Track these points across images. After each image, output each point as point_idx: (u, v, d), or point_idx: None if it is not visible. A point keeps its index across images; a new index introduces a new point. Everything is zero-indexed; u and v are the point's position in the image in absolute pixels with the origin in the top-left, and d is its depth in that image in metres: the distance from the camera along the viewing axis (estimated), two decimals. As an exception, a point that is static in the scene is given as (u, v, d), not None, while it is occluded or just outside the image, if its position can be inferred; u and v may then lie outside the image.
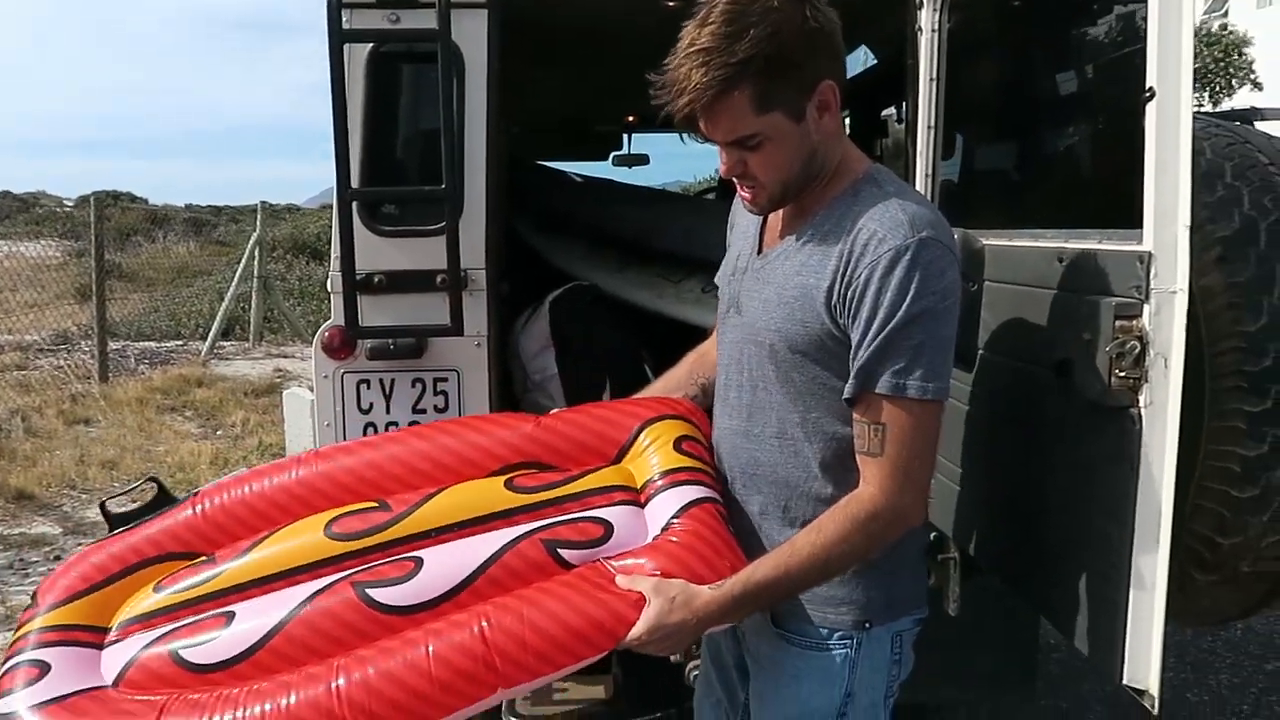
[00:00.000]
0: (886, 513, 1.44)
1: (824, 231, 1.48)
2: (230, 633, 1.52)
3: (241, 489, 1.73)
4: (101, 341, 8.73)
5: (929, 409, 1.43)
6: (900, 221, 1.40)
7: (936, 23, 2.38)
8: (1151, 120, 1.44)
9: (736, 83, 1.37)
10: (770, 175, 1.48)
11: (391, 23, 2.37)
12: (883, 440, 1.42)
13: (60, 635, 1.58)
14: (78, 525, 5.30)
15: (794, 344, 1.49)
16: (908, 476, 1.43)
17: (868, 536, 1.45)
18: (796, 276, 1.49)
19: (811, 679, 1.58)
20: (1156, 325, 1.43)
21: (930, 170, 2.43)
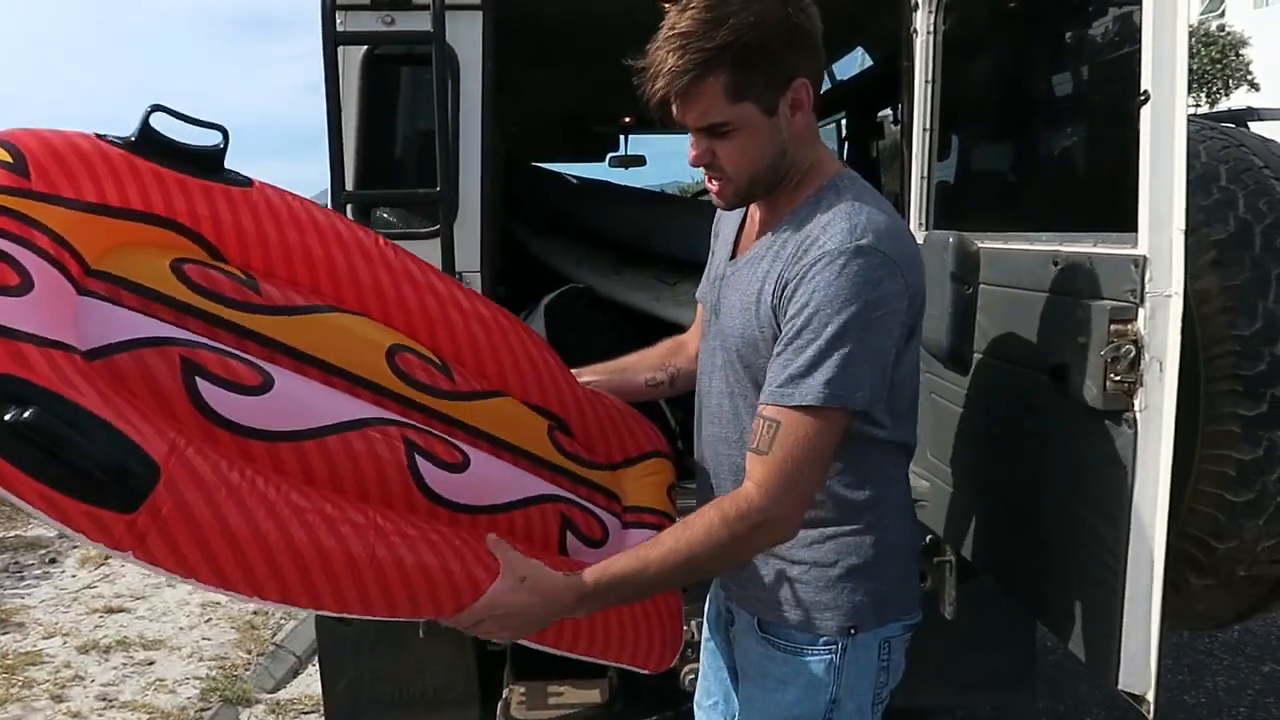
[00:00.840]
0: (757, 515, 1.38)
1: (784, 238, 1.47)
2: (263, 401, 1.30)
3: (299, 223, 1.45)
4: (97, 343, 8.71)
5: (830, 417, 1.38)
6: (842, 229, 1.39)
7: (932, 25, 2.38)
8: (1146, 124, 1.43)
9: (711, 68, 1.37)
10: (737, 168, 1.46)
11: (386, 25, 2.37)
12: (773, 439, 1.38)
13: (34, 235, 1.18)
14: (73, 527, 5.29)
15: (756, 348, 1.48)
16: (791, 483, 1.38)
17: (734, 537, 1.39)
18: (758, 282, 1.48)
19: (797, 685, 1.57)
20: (1151, 329, 1.43)
21: (926, 172, 2.43)
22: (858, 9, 3.03)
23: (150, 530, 1.14)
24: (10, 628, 4.10)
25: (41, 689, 3.60)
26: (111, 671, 3.75)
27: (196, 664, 3.83)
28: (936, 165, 2.44)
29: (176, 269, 1.32)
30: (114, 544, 1.14)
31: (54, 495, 1.09)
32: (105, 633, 4.07)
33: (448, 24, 2.22)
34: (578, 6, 3.07)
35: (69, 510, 1.10)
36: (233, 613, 4.29)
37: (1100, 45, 2.03)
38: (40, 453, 1.07)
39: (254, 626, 4.17)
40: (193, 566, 1.17)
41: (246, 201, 1.42)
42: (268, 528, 1.20)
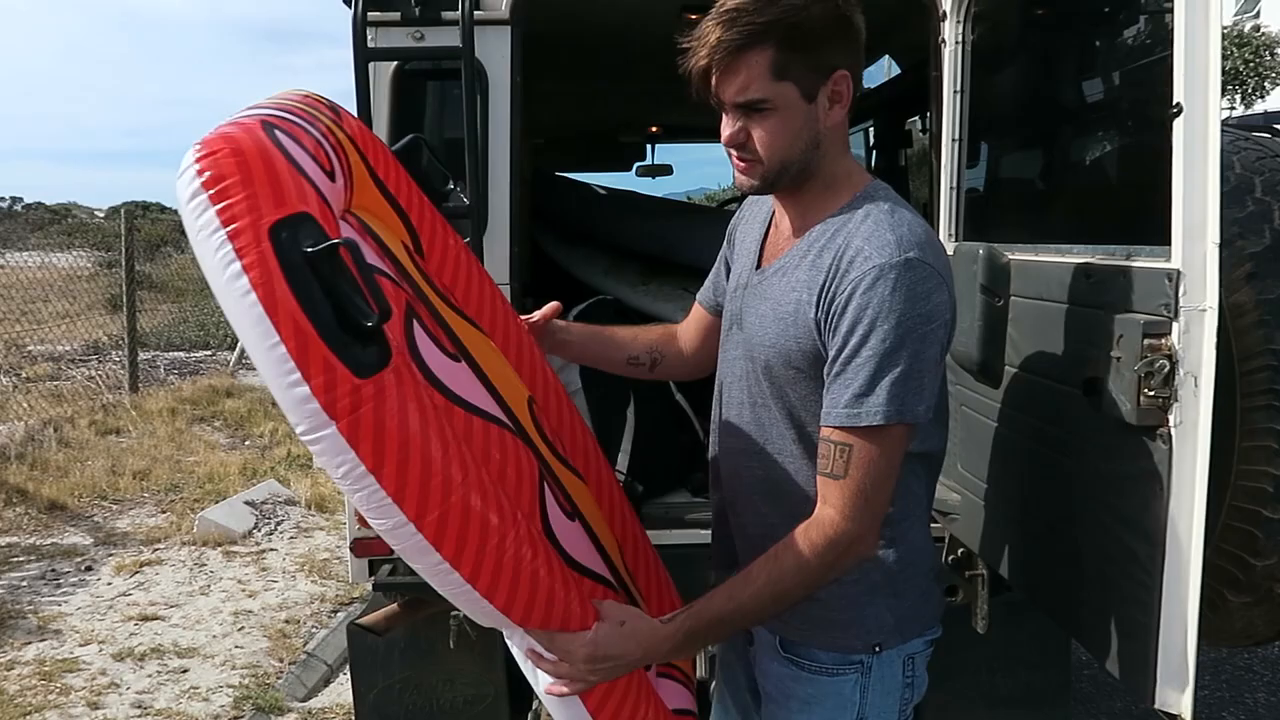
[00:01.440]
0: (844, 539, 1.39)
1: (819, 247, 1.46)
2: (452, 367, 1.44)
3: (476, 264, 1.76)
4: (132, 352, 8.85)
5: (897, 434, 1.39)
6: (888, 240, 1.38)
7: (961, 35, 2.36)
8: (1179, 136, 1.42)
9: (759, 40, 1.37)
10: (770, 149, 1.45)
11: (416, 41, 2.39)
12: (847, 463, 1.38)
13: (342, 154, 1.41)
14: (109, 535, 5.37)
15: (789, 360, 1.48)
16: (868, 502, 1.39)
17: (824, 564, 1.40)
18: (792, 292, 1.47)
19: (823, 706, 1.56)
20: (1186, 344, 1.41)
21: (955, 183, 2.41)
22: (886, 18, 3.01)
23: (367, 403, 1.17)
24: (47, 635, 4.16)
25: (78, 696, 3.65)
26: (146, 679, 3.80)
27: (229, 672, 3.87)
28: (966, 175, 2.42)
29: (404, 247, 1.56)
30: (330, 404, 1.15)
31: (308, 327, 1.15)
32: (140, 640, 4.12)
33: (476, 39, 2.24)
34: (604, 20, 3.08)
35: (312, 347, 1.14)
36: (265, 621, 4.33)
37: (1131, 54, 2.01)
38: (320, 283, 1.16)
39: (285, 635, 4.21)
40: (383, 460, 1.18)
41: (445, 228, 1.70)
42: (446, 463, 1.22)
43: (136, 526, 5.52)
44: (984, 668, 2.67)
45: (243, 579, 4.82)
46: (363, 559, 2.52)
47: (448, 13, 2.32)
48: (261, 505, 5.73)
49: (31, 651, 4.00)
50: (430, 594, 2.47)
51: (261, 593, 4.66)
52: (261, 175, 1.18)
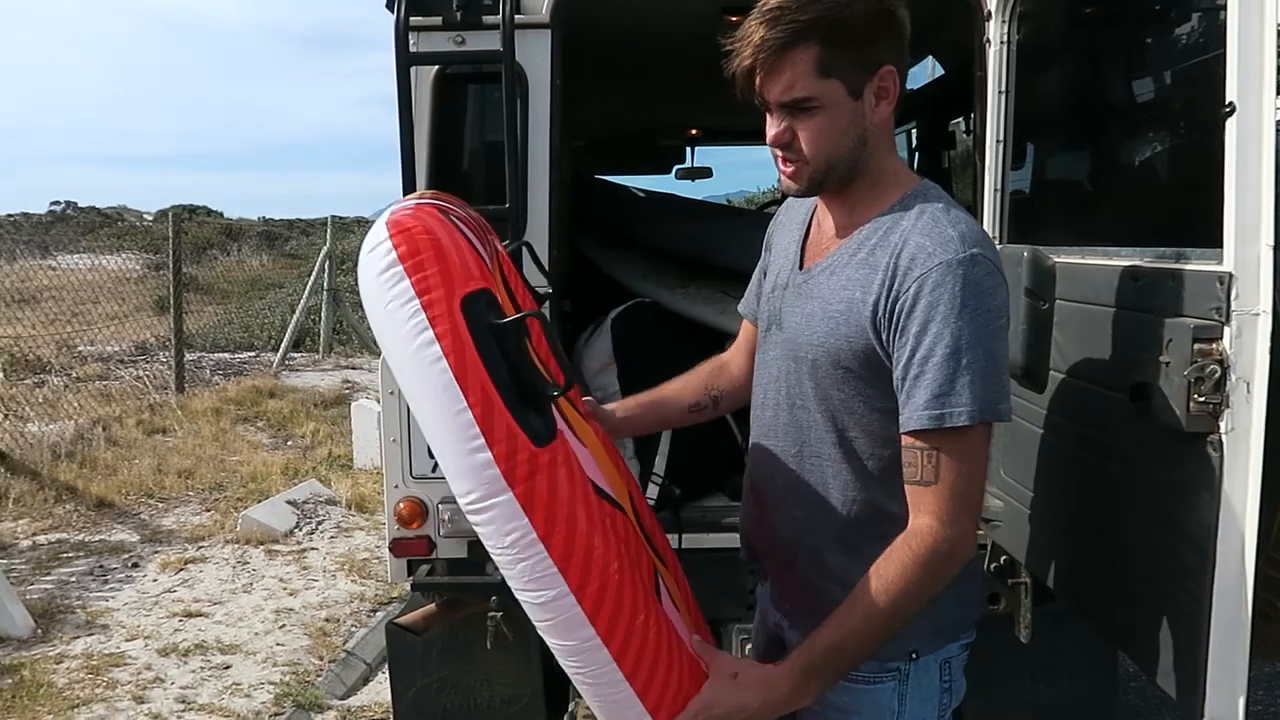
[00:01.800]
0: (946, 544, 1.35)
1: (871, 245, 1.44)
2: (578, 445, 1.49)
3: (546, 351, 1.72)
4: (178, 353, 9.01)
5: (979, 433, 1.36)
6: (950, 237, 1.37)
7: (1006, 34, 2.33)
8: (1232, 136, 1.39)
9: (803, 38, 1.36)
10: (816, 149, 1.43)
11: (457, 44, 2.41)
12: (937, 468, 1.35)
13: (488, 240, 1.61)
14: (155, 533, 5.46)
15: (838, 359, 1.45)
16: (966, 504, 1.36)
17: (931, 574, 1.36)
18: (843, 290, 1.45)
19: (861, 714, 1.54)
20: (1238, 349, 1.38)
21: (999, 184, 2.38)
22: (930, 17, 2.98)
23: (542, 471, 1.23)
24: (95, 629, 4.25)
25: (124, 690, 3.72)
26: (190, 675, 3.86)
27: (270, 669, 3.92)
28: (1010, 177, 2.39)
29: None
30: (509, 471, 1.21)
31: (494, 396, 1.22)
32: (184, 636, 4.19)
33: (516, 42, 2.25)
34: (643, 23, 3.08)
35: (497, 415, 1.21)
36: (305, 619, 4.39)
37: (1181, 53, 1.97)
38: (506, 355, 1.25)
39: (325, 633, 4.26)
40: (553, 528, 1.22)
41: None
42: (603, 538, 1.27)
43: (181, 524, 5.61)
44: (1027, 677, 2.63)
45: (284, 577, 4.88)
46: (401, 559, 2.55)
47: (488, 16, 2.33)
48: (303, 505, 5.80)
49: (79, 646, 4.08)
50: (467, 594, 2.51)
51: (302, 591, 4.71)
52: (451, 252, 1.27)
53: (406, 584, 2.56)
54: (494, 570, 2.46)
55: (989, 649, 1.72)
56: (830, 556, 1.53)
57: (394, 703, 2.78)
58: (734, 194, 12.49)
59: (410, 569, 2.54)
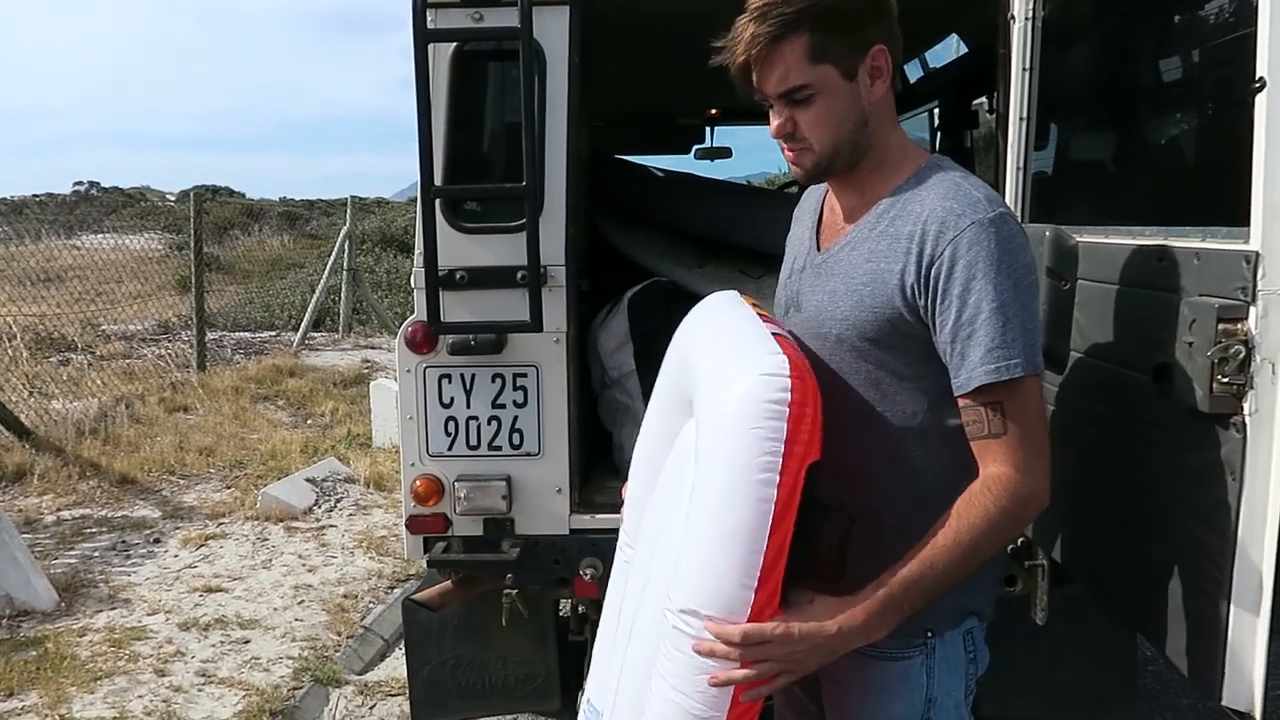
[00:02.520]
0: (1025, 490, 1.38)
1: (891, 217, 1.47)
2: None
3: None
4: (200, 332, 9.08)
5: (1035, 384, 1.40)
6: (976, 199, 1.40)
7: (1031, 10, 2.29)
8: (1261, 112, 1.36)
9: (792, 29, 1.41)
10: (819, 134, 1.47)
11: (475, 21, 2.40)
12: (1004, 419, 1.38)
13: None
14: (176, 509, 5.52)
15: (864, 331, 1.47)
16: (1037, 453, 1.39)
17: (1012, 518, 1.39)
18: (866, 264, 1.47)
19: (891, 689, 1.55)
20: (1264, 329, 1.36)
21: (1022, 163, 2.34)
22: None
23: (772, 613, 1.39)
24: (117, 604, 4.30)
25: (146, 663, 3.77)
26: (210, 649, 3.91)
27: (289, 644, 3.96)
28: (1034, 155, 2.35)
29: None
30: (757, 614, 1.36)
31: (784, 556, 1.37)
32: (204, 611, 4.23)
33: (535, 20, 2.23)
34: (663, 0, 3.05)
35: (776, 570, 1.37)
36: (323, 595, 4.43)
37: (1210, 28, 1.93)
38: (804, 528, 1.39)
39: (343, 609, 4.29)
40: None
41: None
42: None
43: (202, 501, 5.67)
44: (1045, 662, 2.62)
45: (303, 554, 4.92)
46: (417, 536, 2.56)
47: (506, -7, 2.32)
48: (322, 482, 5.84)
49: (102, 620, 4.14)
50: (483, 571, 2.52)
51: (321, 568, 4.75)
52: (817, 418, 1.38)
53: (423, 561, 2.58)
54: (509, 548, 2.50)
55: (1006, 633, 1.71)
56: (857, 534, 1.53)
57: (409, 679, 2.80)
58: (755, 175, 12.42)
59: (426, 546, 2.56)
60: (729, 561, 1.34)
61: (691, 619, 1.37)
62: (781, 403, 1.33)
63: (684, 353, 1.68)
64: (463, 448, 2.51)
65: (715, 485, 1.37)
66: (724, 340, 1.55)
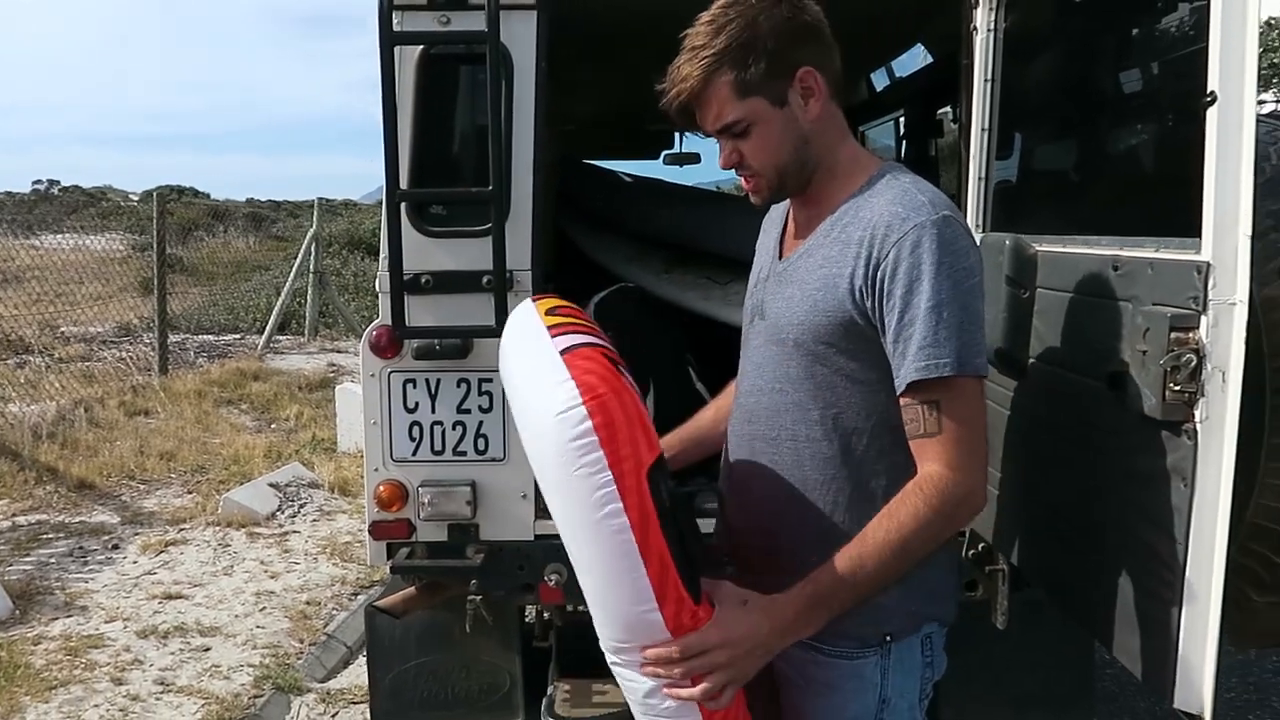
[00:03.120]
0: (958, 490, 1.40)
1: (844, 224, 1.51)
2: None
3: None
4: (162, 334, 8.95)
5: (972, 384, 1.42)
6: (921, 202, 1.44)
7: (993, 22, 2.33)
8: (1212, 125, 1.39)
9: (715, 71, 1.46)
10: (763, 161, 1.52)
11: (442, 25, 2.39)
12: (939, 419, 1.40)
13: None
14: (136, 515, 5.44)
15: (819, 335, 1.50)
16: (971, 451, 1.42)
17: (943, 518, 1.40)
18: (820, 269, 1.51)
19: (846, 689, 1.57)
20: (1214, 338, 1.39)
21: (984, 172, 2.38)
22: (920, 5, 2.98)
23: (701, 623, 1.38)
24: (74, 611, 4.23)
25: (102, 671, 3.70)
26: (169, 656, 3.85)
27: (250, 651, 3.91)
28: (996, 165, 2.38)
29: None
30: (676, 629, 1.36)
31: (669, 563, 1.34)
32: (164, 618, 4.17)
33: (502, 24, 2.23)
34: (631, 6, 3.06)
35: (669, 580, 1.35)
36: (286, 602, 4.38)
37: (1166, 43, 1.97)
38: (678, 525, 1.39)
39: (306, 616, 4.25)
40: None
41: None
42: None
43: (163, 506, 5.59)
44: (1005, 665, 2.64)
45: (265, 560, 4.87)
46: (381, 542, 2.54)
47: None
48: (285, 488, 5.78)
49: (58, 627, 4.06)
50: (447, 577, 2.50)
51: (283, 574, 4.70)
52: (635, 419, 1.33)
53: (386, 567, 2.55)
54: (473, 554, 2.48)
55: (967, 637, 1.73)
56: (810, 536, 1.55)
57: (371, 687, 2.78)
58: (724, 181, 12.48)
59: (390, 552, 2.54)
60: (621, 595, 1.34)
61: (625, 653, 1.39)
62: (586, 434, 1.29)
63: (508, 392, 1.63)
64: (427, 453, 2.50)
65: (572, 535, 1.38)
66: (520, 376, 1.49)
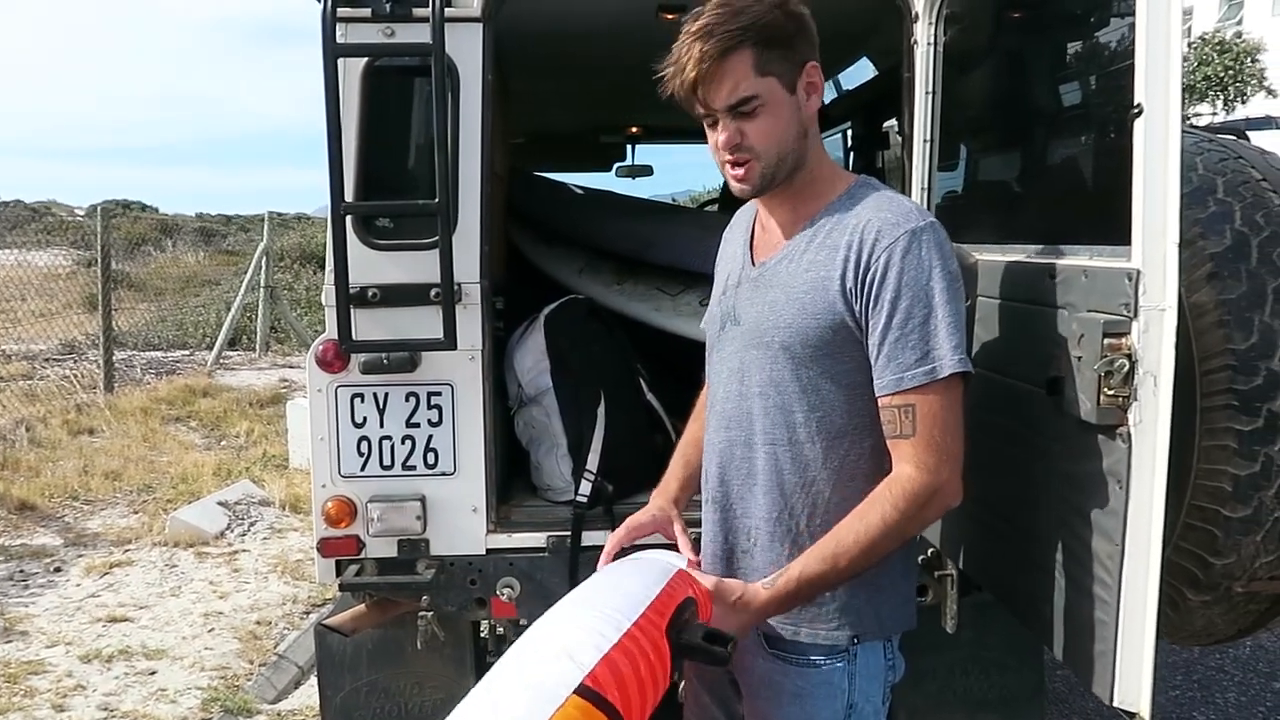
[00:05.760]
0: (925, 490, 1.46)
1: (828, 230, 1.54)
2: None
3: None
4: (107, 351, 8.76)
5: (955, 385, 1.47)
6: (908, 209, 1.50)
7: (933, 36, 2.37)
8: (1140, 136, 1.43)
9: (739, 44, 1.48)
10: (767, 143, 1.54)
11: (386, 36, 2.37)
12: (914, 420, 1.46)
13: None
14: (79, 536, 5.31)
15: (807, 338, 1.53)
16: (943, 452, 1.47)
17: (907, 518, 1.47)
18: (806, 273, 1.54)
19: (813, 696, 1.60)
20: (1145, 343, 1.42)
21: (926, 183, 2.41)
22: (864, 20, 3.03)
23: None
24: (14, 636, 4.11)
25: (43, 698, 3.60)
26: (113, 681, 3.75)
27: (198, 674, 3.83)
28: (938, 176, 2.42)
29: None
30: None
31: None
32: (108, 642, 4.07)
33: (448, 36, 2.22)
34: (580, 19, 3.07)
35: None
36: (235, 622, 4.29)
37: (1098, 57, 2.02)
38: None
39: (256, 637, 4.17)
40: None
41: None
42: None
43: (107, 527, 5.46)
44: (957, 670, 2.68)
45: (214, 580, 4.77)
46: (330, 559, 2.50)
47: (419, 9, 2.30)
48: (235, 506, 5.68)
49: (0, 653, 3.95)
50: (398, 594, 2.47)
51: (233, 594, 4.62)
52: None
53: (335, 584, 2.52)
54: (424, 569, 2.46)
55: (918, 641, 1.75)
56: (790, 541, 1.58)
57: (321, 707, 2.73)
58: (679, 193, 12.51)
59: (339, 569, 2.50)
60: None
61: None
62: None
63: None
64: (376, 468, 2.47)
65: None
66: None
